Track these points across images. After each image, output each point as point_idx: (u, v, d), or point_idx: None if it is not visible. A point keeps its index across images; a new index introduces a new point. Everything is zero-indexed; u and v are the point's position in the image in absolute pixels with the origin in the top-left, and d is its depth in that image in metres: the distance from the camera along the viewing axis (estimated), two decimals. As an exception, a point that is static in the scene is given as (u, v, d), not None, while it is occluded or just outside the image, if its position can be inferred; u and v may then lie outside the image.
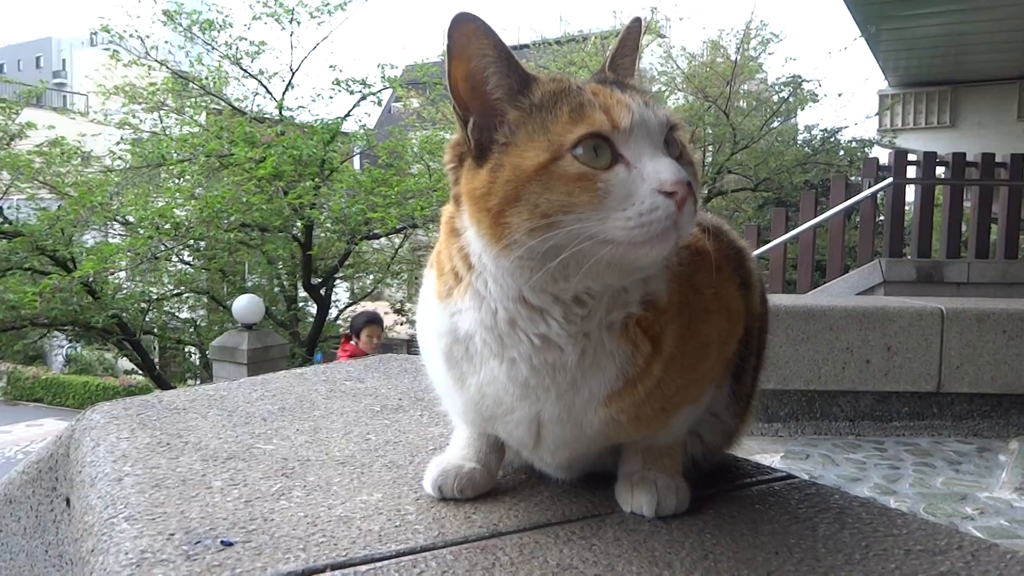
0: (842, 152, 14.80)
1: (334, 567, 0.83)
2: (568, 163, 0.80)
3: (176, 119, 12.66)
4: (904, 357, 3.74)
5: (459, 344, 0.93)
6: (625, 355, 0.87)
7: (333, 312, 14.80)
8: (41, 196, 12.27)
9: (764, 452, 3.39)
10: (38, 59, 45.37)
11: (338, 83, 12.00)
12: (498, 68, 0.85)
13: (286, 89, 12.32)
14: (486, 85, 0.85)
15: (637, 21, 0.98)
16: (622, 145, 0.81)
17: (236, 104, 12.35)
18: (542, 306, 0.87)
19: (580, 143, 0.80)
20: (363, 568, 0.83)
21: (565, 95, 0.85)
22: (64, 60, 43.63)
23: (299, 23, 11.96)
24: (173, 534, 0.89)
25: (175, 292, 13.79)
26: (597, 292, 0.86)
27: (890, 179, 6.53)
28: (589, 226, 0.78)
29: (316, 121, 12.06)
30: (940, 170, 6.78)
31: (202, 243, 11.82)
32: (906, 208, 7.03)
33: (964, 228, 7.05)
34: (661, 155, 0.81)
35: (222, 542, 0.87)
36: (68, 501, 1.21)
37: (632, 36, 0.98)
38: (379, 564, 0.84)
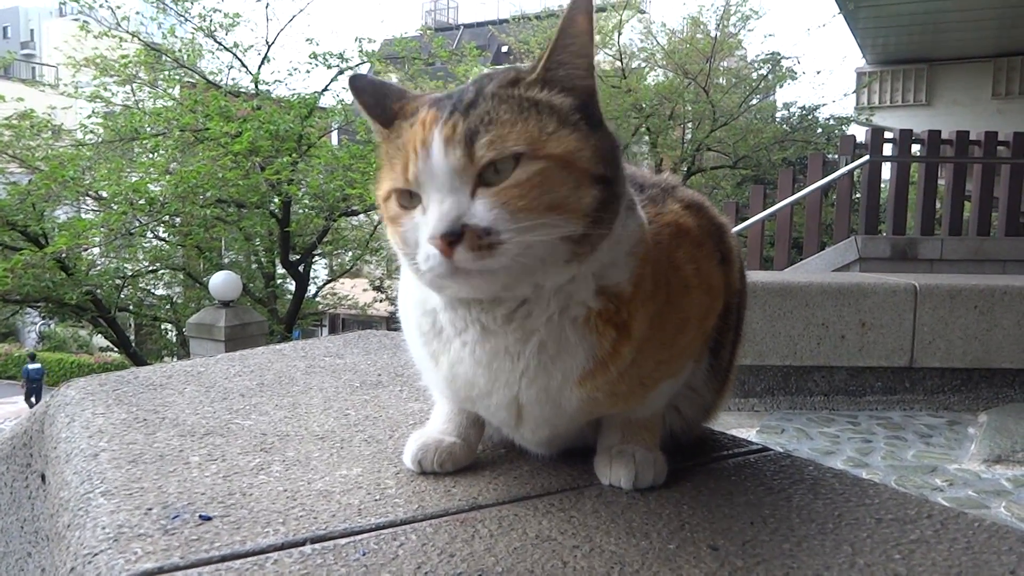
0: (820, 130, 14.87)
1: (314, 540, 0.83)
2: (391, 202, 0.87)
3: (149, 92, 12.42)
4: (878, 333, 3.79)
5: (427, 317, 0.95)
6: (591, 343, 0.88)
7: (312, 289, 14.71)
8: (11, 170, 12.00)
9: (740, 427, 3.44)
10: (5, 29, 44.16)
11: (315, 57, 11.83)
12: (369, 113, 0.91)
13: (262, 62, 12.14)
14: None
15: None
16: (420, 189, 0.83)
17: (210, 77, 12.15)
18: (464, 306, 0.90)
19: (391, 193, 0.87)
20: (343, 541, 0.83)
21: (400, 132, 0.87)
22: (32, 31, 42.50)
23: (275, -6, 11.75)
24: (151, 509, 0.89)
25: (150, 268, 13.62)
26: (511, 296, 0.87)
27: (866, 157, 6.58)
28: (408, 262, 0.86)
29: (293, 95, 11.89)
30: (916, 148, 6.85)
31: (177, 219, 11.66)
32: (882, 185, 7.09)
33: (938, 205, 7.14)
34: (447, 199, 0.80)
35: (200, 516, 0.87)
36: (43, 477, 1.21)
37: (576, 26, 0.84)
38: (359, 537, 0.84)
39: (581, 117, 0.84)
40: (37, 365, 18.14)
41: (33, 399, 17.49)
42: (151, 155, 11.80)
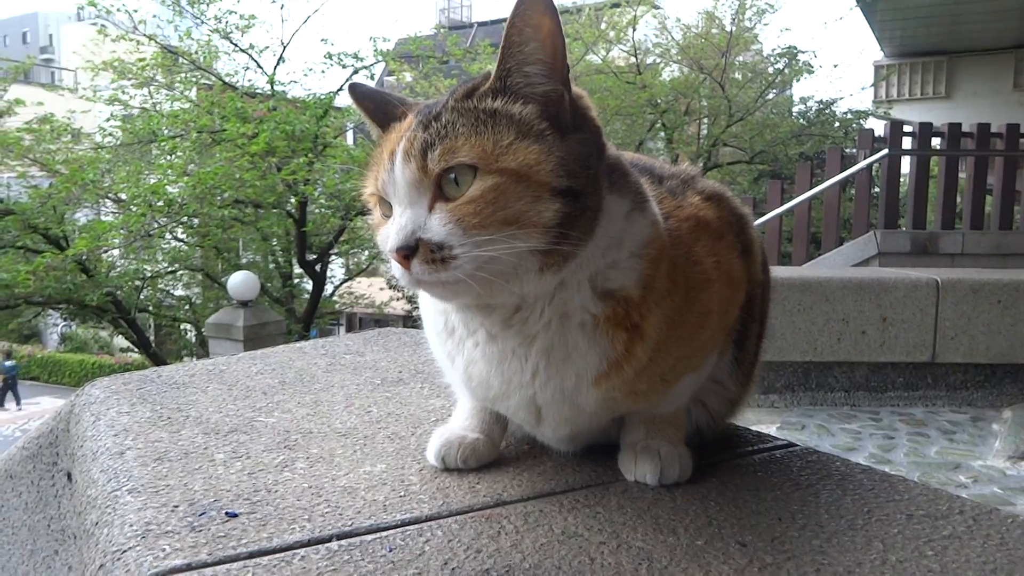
0: (837, 124, 14.73)
1: (340, 536, 0.83)
2: (376, 211, 0.90)
3: (166, 95, 12.52)
4: (899, 328, 3.75)
5: (440, 316, 0.96)
6: (603, 346, 0.87)
7: (329, 288, 14.78)
8: (32, 174, 12.15)
9: (760, 423, 3.41)
10: (24, 35, 44.70)
11: (330, 57, 11.87)
12: (372, 118, 0.94)
13: (277, 63, 12.18)
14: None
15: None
16: (388, 198, 0.86)
17: (227, 79, 12.21)
18: (460, 309, 0.91)
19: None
20: (369, 537, 0.83)
21: (389, 134, 0.88)
22: (51, 35, 43.01)
23: (289, -5, 11.79)
24: (177, 506, 0.89)
25: (169, 269, 13.75)
26: (499, 303, 0.86)
27: (885, 150, 6.51)
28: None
29: (308, 96, 11.94)
30: (935, 141, 6.77)
31: (195, 220, 11.74)
32: (901, 179, 7.01)
33: (959, 199, 7.06)
34: (406, 213, 0.82)
35: (227, 513, 0.87)
36: (70, 475, 1.21)
37: (526, 28, 0.80)
38: (385, 533, 0.84)
39: (548, 125, 0.82)
40: (12, 362, 18.55)
41: (10, 395, 17.85)
42: (169, 157, 11.88)
